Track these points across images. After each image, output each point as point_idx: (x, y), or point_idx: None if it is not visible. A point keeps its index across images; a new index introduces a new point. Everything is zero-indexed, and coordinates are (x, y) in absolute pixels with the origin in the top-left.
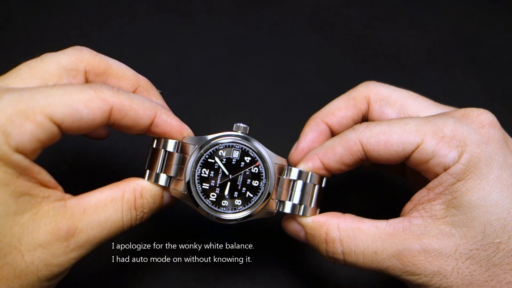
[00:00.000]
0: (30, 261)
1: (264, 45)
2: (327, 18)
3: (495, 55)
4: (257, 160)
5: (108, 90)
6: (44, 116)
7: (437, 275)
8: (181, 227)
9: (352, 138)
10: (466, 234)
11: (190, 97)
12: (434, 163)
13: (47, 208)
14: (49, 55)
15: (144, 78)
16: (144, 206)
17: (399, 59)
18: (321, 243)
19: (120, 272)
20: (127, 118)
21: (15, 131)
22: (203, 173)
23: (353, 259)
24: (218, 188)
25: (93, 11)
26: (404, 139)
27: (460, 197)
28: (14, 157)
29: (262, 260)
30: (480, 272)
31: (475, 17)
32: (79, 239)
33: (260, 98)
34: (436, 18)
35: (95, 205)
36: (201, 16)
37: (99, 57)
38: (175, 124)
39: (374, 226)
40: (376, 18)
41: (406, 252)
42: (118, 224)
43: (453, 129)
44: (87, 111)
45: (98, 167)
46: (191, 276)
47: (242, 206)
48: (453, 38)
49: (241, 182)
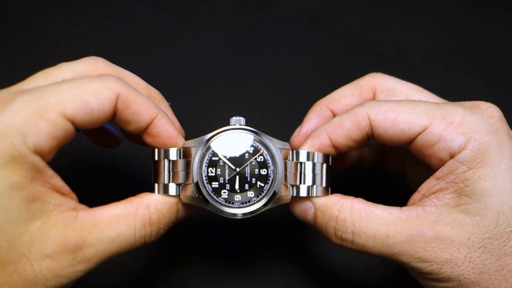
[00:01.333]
0: (39, 270)
1: (264, 45)
2: (327, 18)
3: (495, 55)
4: (260, 148)
5: (115, 80)
6: (57, 114)
7: (448, 263)
8: (181, 227)
9: (360, 113)
10: (479, 222)
11: (190, 97)
12: (440, 147)
13: (57, 218)
14: (65, 64)
15: (156, 90)
16: (160, 221)
17: (399, 59)
18: (331, 221)
19: (120, 272)
20: (129, 111)
21: (31, 131)
22: (210, 172)
23: (362, 240)
24: (228, 184)
25: (93, 11)
26: (412, 119)
27: (473, 185)
28: (31, 158)
29: (262, 260)
30: (491, 261)
31: (475, 17)
32: (87, 253)
33: (260, 98)
34: (436, 18)
35: (107, 220)
36: (201, 16)
37: (113, 67)
38: (172, 131)
39: (387, 211)
40: (376, 18)
41: (419, 238)
42: (129, 240)
43: (462, 115)
44: (96, 103)
45: (100, 169)
46: (191, 276)
47: (256, 197)
48: (453, 38)
49: (249, 174)
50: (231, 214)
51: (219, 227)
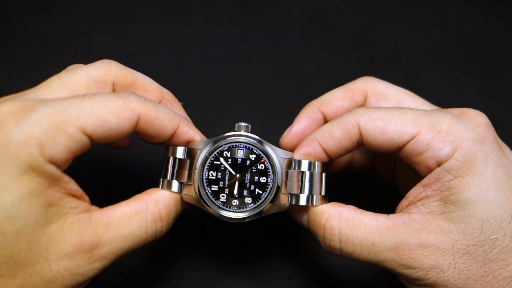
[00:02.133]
0: (57, 270)
1: (264, 45)
2: (327, 18)
3: (495, 55)
4: (262, 156)
5: (136, 99)
6: (76, 129)
7: (433, 269)
8: (180, 227)
9: (350, 121)
10: (464, 230)
11: (190, 97)
12: (427, 155)
13: (72, 220)
14: (79, 68)
15: (168, 91)
16: (169, 216)
17: (399, 59)
18: (320, 229)
19: (120, 272)
20: (152, 128)
21: (50, 143)
22: (210, 175)
23: (350, 248)
24: (227, 189)
25: (93, 11)
26: (401, 128)
27: (458, 194)
28: (48, 168)
29: (262, 260)
30: (476, 268)
31: (475, 17)
32: (102, 251)
33: (260, 98)
34: (436, 18)
35: (119, 218)
36: (201, 16)
37: (126, 70)
38: (195, 136)
39: (374, 219)
40: (376, 18)
41: (404, 246)
42: (142, 236)
43: (450, 124)
44: (116, 121)
45: (100, 167)
46: (191, 276)
47: (253, 203)
48: (453, 38)
49: (249, 180)
50: (228, 217)
51: (219, 227)
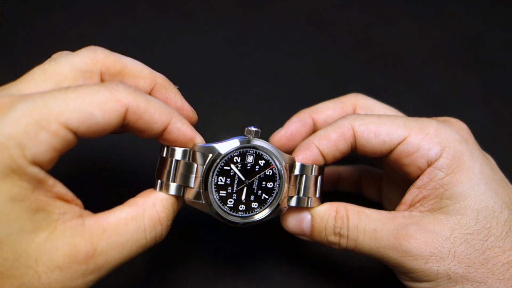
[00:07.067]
0: (47, 283)
1: (264, 45)
2: (327, 18)
3: (495, 55)
4: (271, 162)
5: (124, 90)
6: (59, 125)
7: (433, 256)
8: (180, 228)
9: (345, 125)
10: (460, 221)
11: (190, 97)
12: (418, 155)
13: (63, 227)
14: (63, 57)
15: (161, 75)
16: (168, 218)
17: (399, 59)
18: (330, 221)
19: (120, 273)
20: (141, 121)
21: (31, 142)
22: (219, 181)
23: (355, 235)
24: (235, 194)
25: (93, 11)
26: (392, 130)
27: (451, 189)
28: (30, 170)
29: (262, 260)
30: (476, 256)
31: (475, 17)
32: (99, 261)
33: (260, 98)
34: (436, 18)
35: (115, 224)
36: (201, 16)
37: (114, 56)
38: (188, 132)
39: (376, 211)
40: (376, 18)
41: (403, 231)
42: (140, 242)
43: (436, 127)
44: (102, 115)
45: (99, 167)
46: (191, 276)
47: (259, 208)
48: (453, 38)
49: (257, 186)
50: (233, 222)
51: (220, 227)
